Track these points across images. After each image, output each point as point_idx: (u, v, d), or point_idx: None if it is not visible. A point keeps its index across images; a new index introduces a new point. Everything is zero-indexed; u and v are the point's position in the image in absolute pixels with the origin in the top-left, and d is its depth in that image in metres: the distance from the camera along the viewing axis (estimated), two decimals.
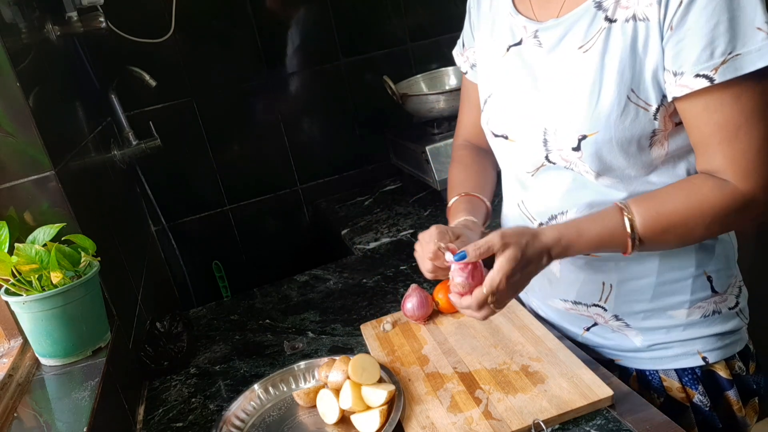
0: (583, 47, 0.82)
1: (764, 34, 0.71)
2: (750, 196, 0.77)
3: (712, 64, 0.73)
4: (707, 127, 0.77)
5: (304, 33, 1.92)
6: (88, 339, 0.98)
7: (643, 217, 0.79)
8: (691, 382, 0.93)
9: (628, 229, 0.79)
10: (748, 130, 0.75)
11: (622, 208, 0.81)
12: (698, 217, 0.78)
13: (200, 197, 1.93)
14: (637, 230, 0.79)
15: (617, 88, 0.79)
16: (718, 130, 0.76)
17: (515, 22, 0.92)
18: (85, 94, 1.48)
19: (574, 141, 0.83)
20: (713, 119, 0.76)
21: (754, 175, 0.76)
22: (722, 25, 0.72)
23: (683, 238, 0.82)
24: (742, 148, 0.75)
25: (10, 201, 0.98)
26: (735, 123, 0.75)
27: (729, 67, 0.72)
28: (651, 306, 0.91)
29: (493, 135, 0.99)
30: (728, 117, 0.75)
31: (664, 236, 0.80)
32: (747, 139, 0.75)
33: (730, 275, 0.92)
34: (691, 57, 0.74)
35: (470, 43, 1.08)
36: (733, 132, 0.75)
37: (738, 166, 0.76)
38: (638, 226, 0.79)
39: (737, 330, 0.93)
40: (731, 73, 0.72)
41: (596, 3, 0.81)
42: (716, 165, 0.78)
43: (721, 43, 0.72)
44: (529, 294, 1.09)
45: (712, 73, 0.73)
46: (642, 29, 0.77)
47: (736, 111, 0.74)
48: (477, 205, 1.03)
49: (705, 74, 0.73)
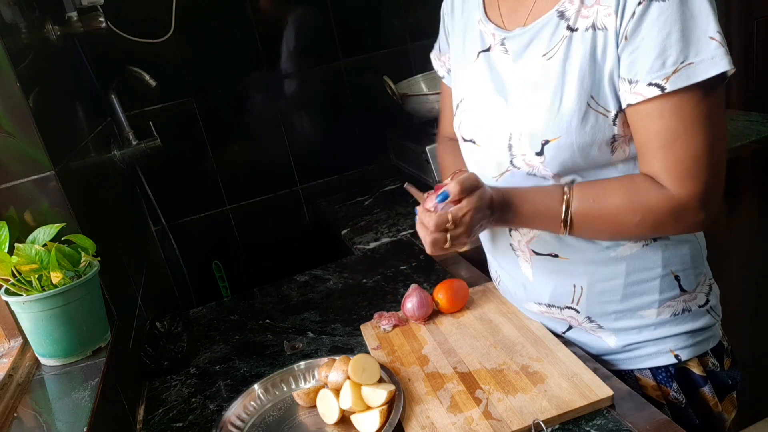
0: (547, 55, 0.84)
1: (716, 43, 0.73)
2: (684, 202, 0.79)
3: (664, 73, 0.74)
4: (647, 133, 0.79)
5: (304, 33, 1.92)
6: (88, 339, 0.99)
7: (579, 201, 0.83)
8: (666, 380, 0.94)
9: (564, 207, 0.84)
10: (685, 140, 0.76)
11: (563, 186, 0.85)
12: (630, 214, 0.81)
13: (200, 197, 1.93)
14: (571, 211, 0.84)
15: (578, 94, 0.81)
16: (656, 137, 0.78)
17: (485, 29, 0.95)
18: (85, 94, 1.48)
19: (538, 146, 0.85)
20: (653, 126, 0.78)
21: (688, 182, 0.78)
22: (674, 35, 0.73)
23: (613, 231, 0.86)
24: (678, 157, 0.77)
25: (10, 201, 0.98)
26: (674, 132, 0.77)
27: (681, 76, 0.74)
28: (622, 307, 0.92)
29: (463, 140, 1.02)
30: (667, 125, 0.77)
31: (594, 224, 0.84)
32: (684, 148, 0.77)
33: (698, 273, 0.93)
34: (645, 66, 0.76)
35: (445, 49, 1.11)
36: (671, 140, 0.77)
37: (673, 173, 0.78)
38: (573, 207, 0.84)
39: (709, 327, 0.95)
40: (683, 81, 0.74)
41: (559, 12, 0.83)
42: (654, 170, 0.80)
43: (673, 52, 0.74)
44: (508, 299, 1.11)
45: (663, 82, 0.75)
46: (601, 38, 0.79)
47: (675, 121, 0.76)
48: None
49: (657, 83, 0.75)
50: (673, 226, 0.83)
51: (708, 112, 0.76)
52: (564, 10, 0.83)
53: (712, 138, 0.76)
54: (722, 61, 0.73)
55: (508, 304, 1.10)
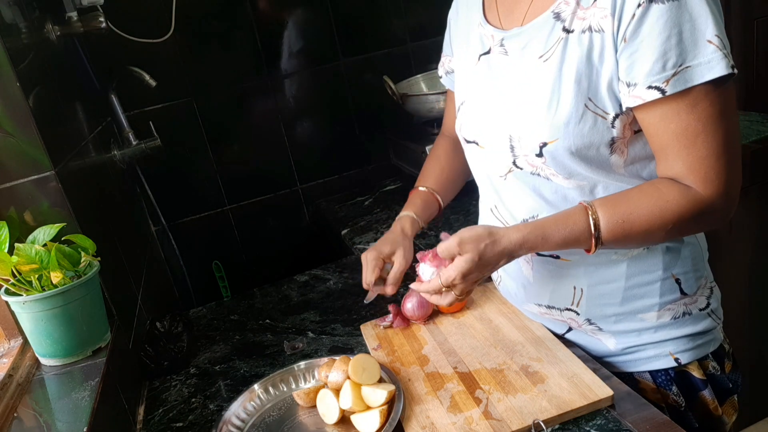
0: (543, 56, 0.84)
1: (714, 47, 0.73)
2: (710, 201, 0.78)
3: (664, 76, 0.74)
4: (666, 136, 0.78)
5: (304, 33, 1.92)
6: (88, 339, 0.99)
7: (608, 220, 0.81)
8: (665, 383, 0.94)
9: (593, 229, 0.81)
10: (706, 138, 0.76)
11: (587, 207, 0.82)
12: (660, 222, 0.80)
13: (200, 197, 1.93)
14: (601, 231, 0.81)
15: (575, 96, 0.81)
16: (676, 138, 0.77)
17: (484, 31, 0.95)
18: (85, 94, 1.48)
19: (536, 148, 0.85)
20: (671, 128, 0.77)
21: (715, 181, 0.77)
22: (674, 38, 0.73)
23: (644, 240, 0.85)
24: (701, 155, 0.77)
25: (10, 201, 0.98)
26: (693, 131, 0.76)
27: (679, 79, 0.74)
28: (621, 309, 0.92)
29: (465, 141, 1.02)
30: (686, 125, 0.76)
31: (626, 238, 0.82)
32: (706, 146, 0.76)
33: (699, 277, 0.93)
34: (644, 69, 0.75)
35: (448, 53, 1.13)
36: (691, 140, 0.77)
37: (698, 173, 0.78)
38: (602, 227, 0.81)
39: (709, 330, 0.95)
40: (681, 84, 0.74)
41: (555, 14, 0.83)
42: (677, 171, 0.79)
43: (672, 55, 0.74)
44: (509, 300, 1.11)
45: (663, 85, 0.75)
46: (597, 40, 0.79)
47: (693, 119, 0.76)
48: (429, 203, 1.17)
49: (657, 86, 0.75)
50: (702, 224, 0.83)
51: (723, 108, 0.75)
52: (560, 11, 0.83)
53: (730, 133, 0.76)
54: (719, 65, 0.72)
55: (508, 304, 1.10)
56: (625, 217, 0.80)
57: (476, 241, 0.83)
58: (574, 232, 0.82)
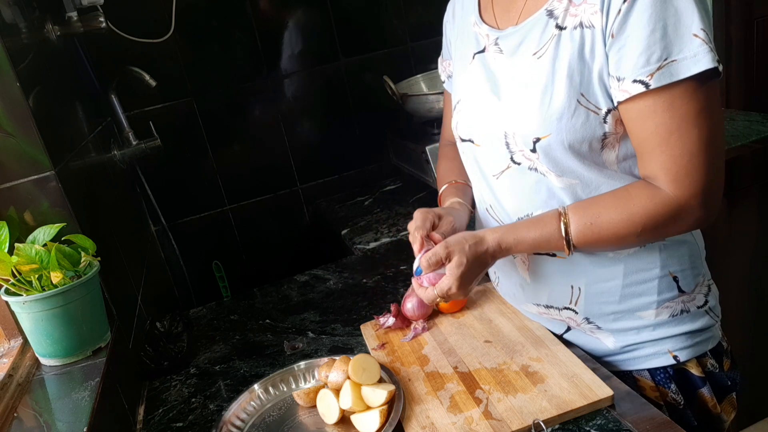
0: (537, 53, 0.85)
1: (700, 41, 0.73)
2: (682, 202, 0.78)
3: (648, 69, 0.75)
4: (642, 132, 0.79)
5: (304, 33, 1.92)
6: (88, 339, 0.99)
7: (577, 225, 0.84)
8: (664, 380, 0.94)
9: (563, 233, 0.84)
10: (680, 136, 0.76)
11: (560, 213, 0.85)
12: (630, 227, 0.81)
13: (200, 197, 1.93)
14: (572, 236, 0.84)
15: (567, 92, 0.81)
16: (651, 135, 0.78)
17: (480, 30, 0.96)
18: (85, 94, 1.48)
19: (530, 143, 0.86)
20: (647, 124, 0.77)
21: (685, 181, 0.77)
22: (659, 32, 0.73)
23: (618, 243, 0.86)
24: (674, 154, 0.77)
25: (10, 201, 0.98)
26: (667, 128, 0.76)
27: (664, 73, 0.74)
28: (620, 308, 0.92)
29: (461, 140, 1.02)
30: (660, 122, 0.76)
31: (598, 242, 0.85)
32: (679, 145, 0.76)
33: (696, 274, 0.93)
34: (630, 63, 0.76)
35: (447, 56, 1.14)
36: (665, 137, 0.77)
37: (669, 173, 0.78)
38: (572, 232, 0.84)
39: (708, 328, 0.95)
40: (666, 78, 0.74)
41: (548, 11, 0.84)
42: (651, 171, 0.80)
43: (657, 49, 0.74)
44: (507, 300, 1.11)
45: (648, 79, 0.75)
46: (588, 36, 0.80)
47: (668, 117, 0.76)
48: (465, 190, 1.12)
49: (641, 80, 0.75)
50: (675, 227, 0.83)
51: (701, 107, 0.75)
52: (553, 9, 0.84)
53: (707, 133, 0.76)
54: (704, 59, 0.72)
55: (507, 304, 1.10)
56: (593, 219, 0.83)
57: (461, 243, 0.87)
58: (545, 235, 0.86)
